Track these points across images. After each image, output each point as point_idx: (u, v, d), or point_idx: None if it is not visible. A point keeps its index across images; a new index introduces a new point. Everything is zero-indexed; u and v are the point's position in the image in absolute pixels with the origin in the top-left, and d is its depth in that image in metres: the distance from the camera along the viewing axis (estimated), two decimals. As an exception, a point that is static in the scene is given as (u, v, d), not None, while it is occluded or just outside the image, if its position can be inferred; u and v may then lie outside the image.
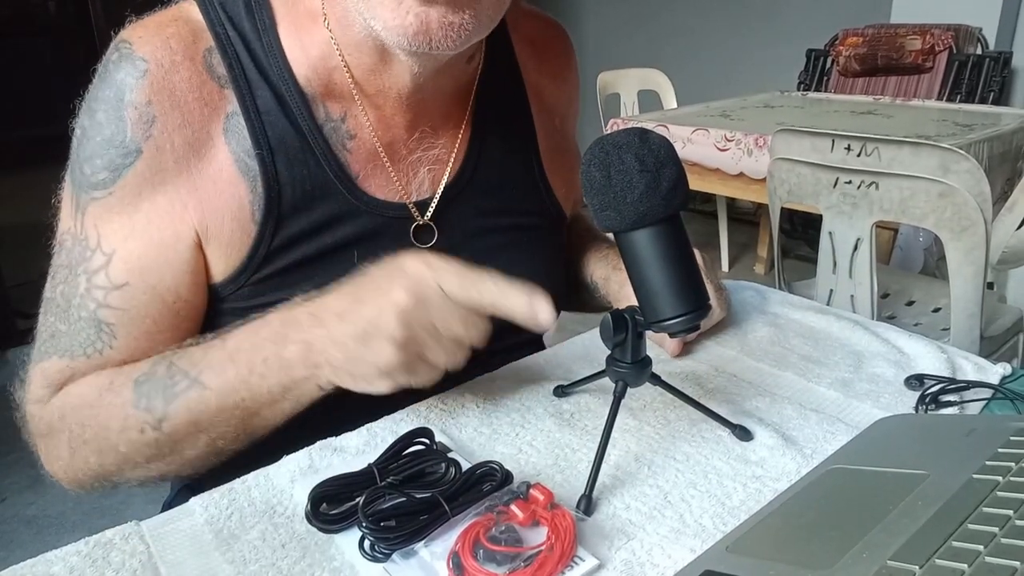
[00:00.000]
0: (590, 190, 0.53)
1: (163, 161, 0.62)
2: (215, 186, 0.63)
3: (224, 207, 0.64)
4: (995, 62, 2.89)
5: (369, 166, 0.68)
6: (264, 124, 0.64)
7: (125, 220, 0.63)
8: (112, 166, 0.62)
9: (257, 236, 0.65)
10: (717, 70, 4.18)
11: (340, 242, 0.67)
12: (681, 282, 0.53)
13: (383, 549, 0.48)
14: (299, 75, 0.65)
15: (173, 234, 0.63)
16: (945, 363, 0.72)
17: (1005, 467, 0.47)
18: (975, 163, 1.28)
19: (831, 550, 0.42)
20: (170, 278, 0.64)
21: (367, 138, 0.67)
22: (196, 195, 0.63)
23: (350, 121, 0.67)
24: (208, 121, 0.63)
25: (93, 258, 0.63)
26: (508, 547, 0.46)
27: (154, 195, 0.62)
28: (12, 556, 1.76)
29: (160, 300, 0.64)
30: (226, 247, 0.65)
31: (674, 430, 0.63)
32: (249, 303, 0.66)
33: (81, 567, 0.49)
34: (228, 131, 0.63)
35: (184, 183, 0.63)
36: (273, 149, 0.64)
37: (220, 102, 0.63)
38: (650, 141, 0.52)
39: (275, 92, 0.64)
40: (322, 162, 0.66)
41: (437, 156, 0.72)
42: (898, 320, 1.67)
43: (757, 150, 2.12)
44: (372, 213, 0.68)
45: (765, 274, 3.30)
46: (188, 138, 0.62)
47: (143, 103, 0.61)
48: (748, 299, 0.90)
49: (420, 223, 0.71)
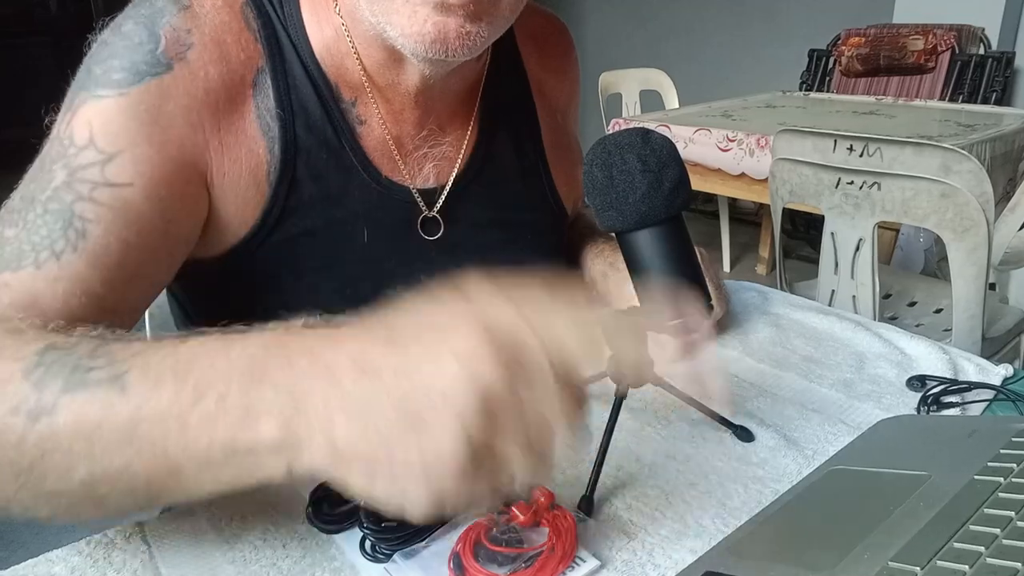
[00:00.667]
0: (592, 190, 0.53)
1: (194, 87, 0.58)
2: (237, 138, 0.62)
3: (243, 159, 0.62)
4: (998, 62, 2.89)
5: (379, 152, 0.68)
6: (289, 87, 0.63)
7: (139, 126, 0.56)
8: (135, 69, 0.57)
9: (272, 196, 0.64)
10: (719, 70, 4.18)
11: (349, 216, 0.67)
12: (683, 283, 0.53)
13: (384, 550, 0.48)
14: (316, 49, 0.65)
15: (187, 162, 0.59)
16: (947, 364, 0.72)
17: (1007, 468, 0.47)
18: (977, 163, 1.28)
19: (832, 551, 0.42)
20: (177, 199, 0.58)
21: (376, 126, 0.68)
22: (218, 137, 0.60)
23: (360, 108, 0.67)
24: (243, 68, 0.62)
25: (80, 154, 0.55)
26: (509, 548, 0.46)
27: (175, 116, 0.58)
28: (13, 556, 1.75)
29: (160, 215, 0.57)
30: (238, 201, 0.63)
31: (675, 431, 0.63)
32: (258, 269, 0.65)
33: (82, 567, 0.49)
34: (256, 86, 0.63)
35: (208, 120, 0.59)
36: (295, 112, 0.64)
37: (255, 54, 0.62)
38: (652, 141, 0.52)
39: (300, 57, 0.64)
40: (339, 133, 0.66)
41: (444, 153, 0.72)
42: (900, 321, 1.67)
43: (759, 150, 2.12)
44: (381, 191, 0.68)
45: (767, 274, 3.29)
46: (223, 75, 0.60)
47: (183, 28, 0.59)
48: (750, 300, 0.90)
49: (428, 215, 0.71)
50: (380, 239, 0.69)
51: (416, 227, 0.71)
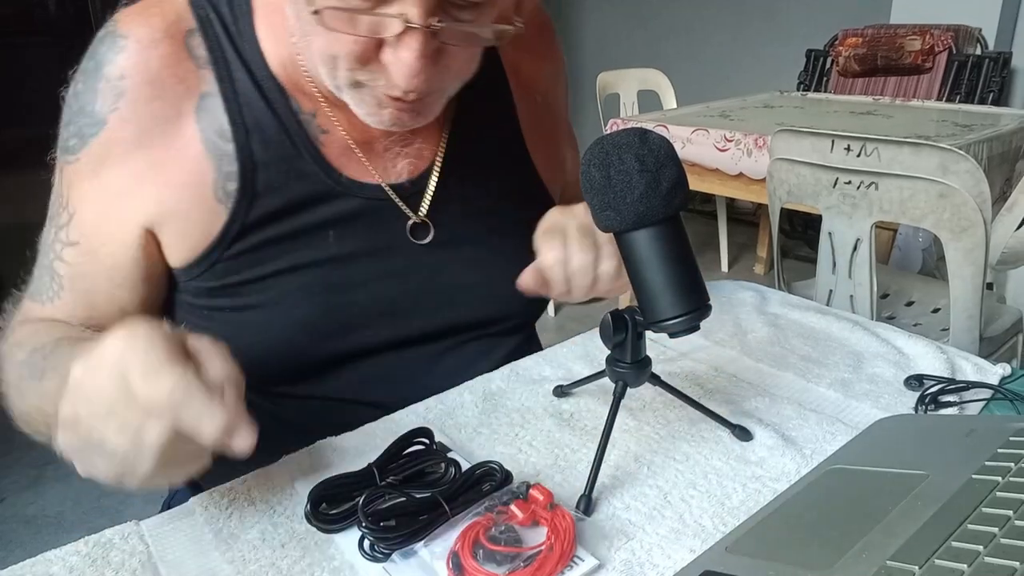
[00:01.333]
0: (590, 190, 0.53)
1: (125, 134, 0.64)
2: (178, 164, 0.65)
3: (185, 184, 0.65)
4: (994, 62, 2.89)
5: (344, 158, 0.69)
6: (241, 105, 0.65)
7: (87, 186, 0.66)
8: (80, 134, 0.65)
9: (231, 213, 0.66)
10: (717, 70, 4.18)
11: (317, 222, 0.68)
12: (681, 282, 0.53)
13: (383, 549, 0.48)
14: (272, 64, 0.66)
15: (123, 207, 0.65)
16: (945, 363, 0.72)
17: (1004, 467, 0.47)
18: (974, 163, 1.28)
19: (830, 550, 0.42)
20: (110, 246, 0.66)
21: (339, 136, 0.69)
22: (155, 170, 0.65)
23: (321, 118, 0.68)
24: (180, 99, 0.65)
25: (62, 215, 0.67)
26: (508, 547, 0.46)
27: (113, 167, 0.65)
28: (11, 556, 1.75)
29: (98, 264, 0.67)
30: (184, 224, 0.66)
31: (674, 430, 0.63)
32: (223, 281, 0.67)
33: (81, 567, 0.49)
34: (200, 110, 0.65)
35: (144, 158, 0.64)
36: (249, 129, 0.66)
37: (195, 82, 0.65)
38: (650, 141, 0.52)
39: (252, 76, 0.66)
40: (298, 144, 0.67)
41: (417, 149, 0.72)
42: (898, 320, 1.67)
43: (757, 150, 2.12)
44: (350, 195, 0.69)
45: (765, 274, 3.30)
46: (155, 112, 0.64)
47: (116, 76, 0.63)
48: (748, 299, 0.90)
49: (416, 221, 0.71)
50: (349, 239, 0.69)
51: (390, 223, 0.71)
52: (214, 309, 0.69)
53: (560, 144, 0.85)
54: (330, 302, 0.69)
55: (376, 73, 0.57)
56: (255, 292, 0.68)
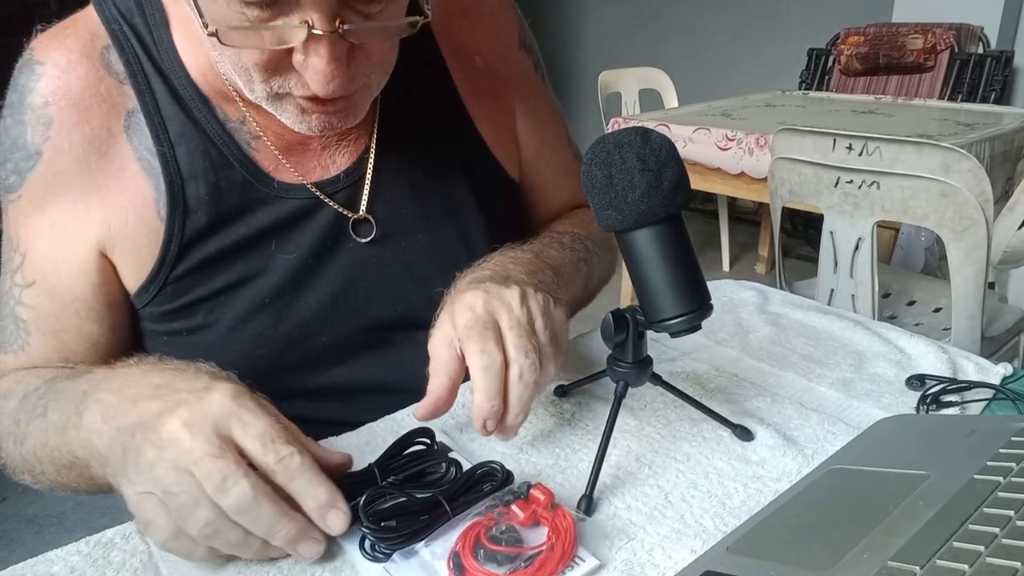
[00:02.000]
0: (591, 189, 0.53)
1: (62, 162, 0.63)
2: (118, 184, 0.64)
3: (128, 204, 0.64)
4: (997, 61, 2.89)
5: (276, 163, 0.68)
6: (163, 119, 0.64)
7: (34, 222, 0.64)
8: (17, 170, 0.64)
9: (167, 232, 0.65)
10: (718, 69, 4.18)
11: (256, 231, 0.67)
12: (682, 282, 0.53)
13: (384, 549, 0.48)
14: (193, 74, 0.65)
15: (74, 235, 0.64)
16: (946, 363, 0.72)
17: (1006, 467, 0.47)
18: (976, 162, 1.28)
19: (832, 550, 0.42)
20: (68, 278, 0.65)
21: (270, 140, 0.67)
22: (99, 193, 0.64)
23: (250, 124, 0.66)
24: (108, 118, 0.63)
25: (14, 258, 0.66)
26: (509, 547, 0.46)
27: (56, 197, 0.64)
28: (13, 556, 1.75)
29: (60, 300, 0.65)
30: (133, 245, 0.65)
31: (675, 430, 0.63)
32: (175, 304, 0.67)
33: (82, 566, 0.49)
34: (129, 128, 0.64)
35: (86, 182, 0.63)
36: (173, 143, 0.64)
37: (120, 99, 0.64)
38: (651, 140, 0.52)
39: (170, 87, 0.65)
40: (225, 153, 0.66)
41: (354, 139, 0.70)
42: (899, 320, 1.67)
43: (758, 149, 2.12)
44: (285, 198, 0.68)
45: (766, 273, 3.29)
46: (87, 135, 0.63)
47: (40, 105, 0.62)
48: (749, 299, 0.90)
49: (358, 217, 0.70)
50: (293, 244, 0.68)
51: (333, 223, 0.69)
52: (172, 334, 0.68)
53: (514, 111, 0.80)
54: (282, 311, 0.68)
55: (292, 79, 0.56)
56: (207, 312, 0.67)
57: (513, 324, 0.54)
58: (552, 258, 0.70)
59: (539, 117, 0.82)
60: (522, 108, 0.81)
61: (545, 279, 0.64)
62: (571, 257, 0.74)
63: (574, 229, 0.80)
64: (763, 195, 1.95)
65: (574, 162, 0.88)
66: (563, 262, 0.71)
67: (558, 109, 0.87)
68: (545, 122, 0.83)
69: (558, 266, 0.69)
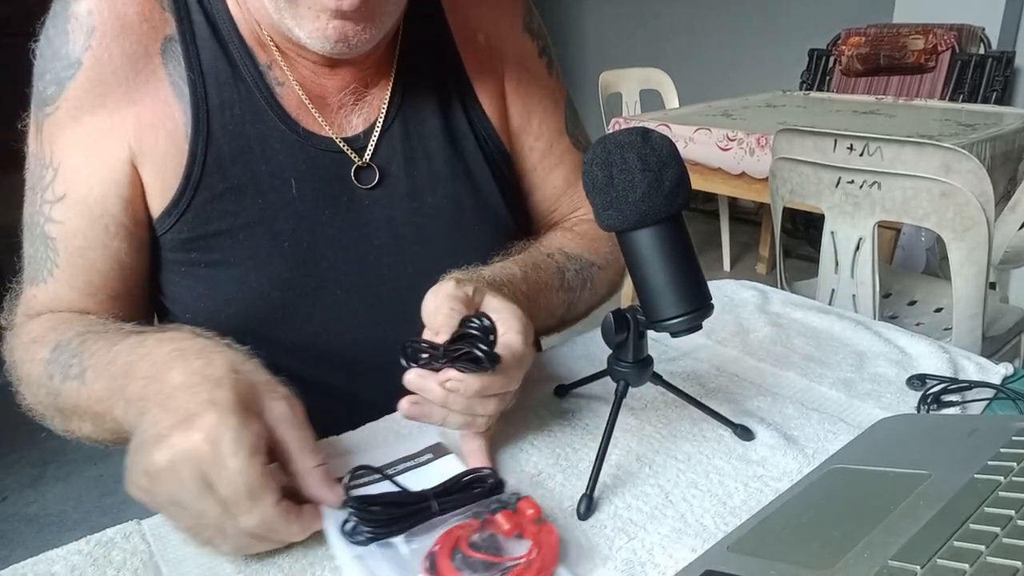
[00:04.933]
0: (592, 189, 0.53)
1: (102, 72, 0.64)
2: (152, 103, 0.66)
3: (159, 124, 0.66)
4: (998, 62, 2.89)
5: (300, 110, 0.70)
6: (198, 48, 0.67)
7: (68, 134, 0.66)
8: (57, 79, 0.65)
9: (190, 155, 0.66)
10: (719, 69, 4.18)
11: (275, 169, 0.69)
12: (683, 282, 0.53)
13: (365, 532, 0.47)
14: (233, 14, 0.68)
15: (107, 146, 0.65)
16: (947, 363, 0.72)
17: (1007, 467, 0.47)
18: (977, 163, 1.28)
19: (832, 550, 0.42)
20: (99, 189, 0.66)
21: (294, 89, 0.69)
22: (134, 108, 0.65)
23: (276, 71, 0.69)
24: (147, 38, 0.65)
25: (46, 174, 0.67)
26: (486, 555, 0.46)
27: (93, 107, 0.65)
28: (13, 555, 1.76)
29: (90, 213, 0.66)
30: (161, 165, 0.66)
31: (675, 430, 0.63)
32: (195, 232, 0.68)
33: (82, 566, 0.49)
34: (166, 52, 0.66)
35: (122, 95, 0.65)
36: (204, 72, 0.67)
37: (161, 23, 0.66)
38: (652, 140, 0.52)
39: (209, 20, 0.67)
40: (253, 89, 0.68)
41: (369, 103, 0.73)
42: (900, 320, 1.67)
43: (759, 150, 2.12)
44: (306, 145, 0.70)
45: (767, 274, 3.29)
46: (127, 49, 0.65)
47: (84, 13, 0.64)
48: (750, 299, 0.90)
49: (360, 165, 0.72)
50: (311, 192, 0.70)
51: (350, 177, 0.71)
52: (191, 264, 0.69)
53: (512, 92, 0.81)
54: (299, 258, 0.70)
55: None
56: (227, 246, 0.68)
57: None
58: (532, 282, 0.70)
59: (530, 101, 0.83)
60: (514, 90, 0.82)
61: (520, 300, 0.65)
62: (555, 282, 0.74)
63: (578, 250, 0.80)
64: (764, 195, 1.95)
65: (569, 152, 0.86)
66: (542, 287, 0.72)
67: (559, 97, 0.87)
68: (535, 107, 0.83)
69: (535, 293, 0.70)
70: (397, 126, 0.73)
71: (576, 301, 0.78)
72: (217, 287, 0.69)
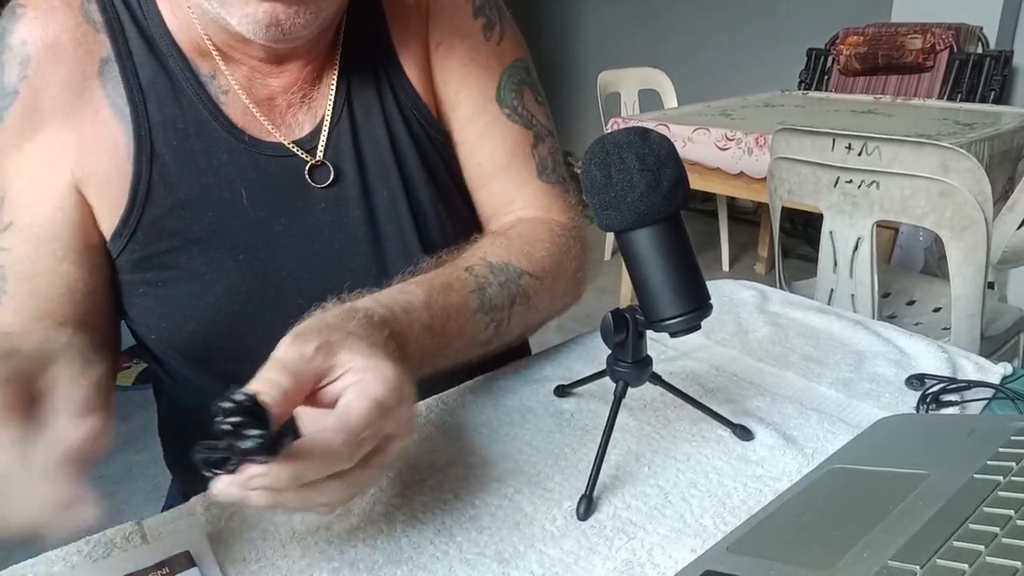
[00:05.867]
0: (590, 189, 0.53)
1: (39, 100, 0.64)
2: (92, 127, 0.65)
3: (101, 147, 0.66)
4: (996, 61, 2.89)
5: (246, 118, 0.69)
6: (136, 66, 0.66)
7: (11, 162, 0.65)
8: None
9: (135, 175, 0.66)
10: (718, 69, 4.18)
11: (223, 181, 0.68)
12: (682, 281, 0.53)
13: None
14: (171, 28, 0.67)
15: (51, 172, 0.65)
16: (946, 363, 0.72)
17: (1006, 467, 0.47)
18: (976, 162, 1.28)
19: (832, 550, 0.42)
20: (46, 215, 0.65)
21: (239, 96, 0.69)
22: (74, 133, 0.65)
23: (220, 79, 0.68)
24: (84, 63, 0.65)
25: None
26: None
27: (33, 134, 0.65)
28: (13, 555, 1.75)
29: (37, 239, 0.65)
30: (106, 188, 0.66)
31: (674, 430, 0.63)
32: (148, 250, 0.67)
33: (82, 566, 0.49)
34: (104, 75, 0.66)
35: (61, 121, 0.65)
36: (144, 90, 0.66)
37: (96, 46, 0.66)
38: (651, 140, 0.52)
39: (146, 37, 0.67)
40: (195, 102, 0.67)
41: (316, 100, 0.71)
42: (899, 320, 1.67)
43: (757, 149, 2.12)
44: (253, 153, 0.69)
45: (766, 273, 3.30)
46: (63, 76, 0.64)
47: (18, 44, 0.64)
48: (748, 298, 0.90)
49: (313, 163, 0.70)
50: (263, 200, 0.69)
51: (304, 179, 0.70)
52: (147, 285, 0.68)
53: (434, 54, 0.75)
54: (256, 268, 0.69)
55: None
56: (182, 262, 0.68)
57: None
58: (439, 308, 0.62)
59: (450, 64, 0.75)
60: (435, 50, 0.75)
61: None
62: (473, 303, 0.65)
63: (505, 258, 0.70)
64: (762, 195, 1.95)
65: (498, 124, 0.76)
66: (452, 312, 0.63)
67: (495, 63, 0.77)
68: (456, 70, 0.75)
69: (441, 321, 0.62)
70: (344, 120, 0.71)
71: (506, 320, 0.68)
72: (176, 305, 0.68)
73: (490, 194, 0.78)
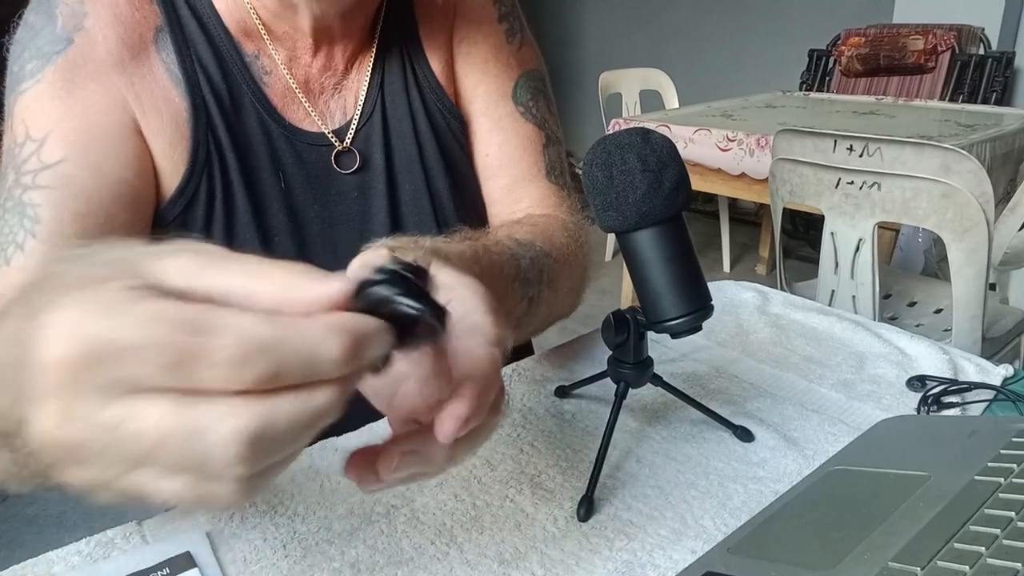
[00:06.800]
0: (592, 190, 0.53)
1: (95, 51, 0.63)
2: (150, 86, 0.65)
3: (162, 107, 0.65)
4: (997, 62, 2.89)
5: (286, 100, 0.70)
6: (188, 43, 0.67)
7: (59, 103, 0.62)
8: (41, 54, 0.63)
9: (193, 140, 0.66)
10: (719, 70, 4.18)
11: (267, 163, 0.69)
12: (683, 282, 0.53)
13: None
14: (219, 9, 0.68)
15: (113, 119, 0.63)
16: (947, 364, 0.72)
17: (1007, 468, 0.47)
18: (977, 163, 1.28)
19: (832, 551, 0.42)
20: (115, 157, 0.62)
21: (281, 75, 0.70)
22: (133, 91, 0.64)
23: (263, 59, 0.69)
24: (141, 27, 0.65)
25: (22, 150, 0.61)
26: None
27: (87, 82, 0.63)
28: (13, 555, 1.76)
29: (102, 177, 0.61)
30: (169, 150, 0.66)
31: (675, 431, 0.63)
32: (198, 221, 0.67)
33: (82, 566, 0.49)
34: (158, 42, 0.66)
35: (119, 77, 0.63)
36: (196, 64, 0.67)
37: (150, 15, 0.66)
38: (652, 141, 0.52)
39: (195, 14, 0.67)
40: (240, 83, 0.68)
41: (346, 87, 0.73)
42: (900, 321, 1.67)
43: (759, 150, 2.12)
44: (292, 139, 0.70)
45: (767, 275, 3.29)
46: (121, 36, 0.64)
47: (75, 1, 0.63)
48: (750, 300, 0.90)
49: (340, 149, 0.72)
50: (299, 186, 0.70)
51: (332, 165, 0.71)
52: None
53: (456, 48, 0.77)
54: (287, 253, 0.69)
55: None
56: (221, 241, 0.67)
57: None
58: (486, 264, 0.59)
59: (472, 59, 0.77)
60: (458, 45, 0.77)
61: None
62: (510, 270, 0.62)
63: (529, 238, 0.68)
64: (764, 196, 1.95)
65: (511, 120, 0.78)
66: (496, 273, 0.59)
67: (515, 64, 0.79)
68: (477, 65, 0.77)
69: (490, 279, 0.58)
70: (377, 112, 0.73)
71: (536, 298, 0.65)
72: None
73: (498, 186, 0.78)
